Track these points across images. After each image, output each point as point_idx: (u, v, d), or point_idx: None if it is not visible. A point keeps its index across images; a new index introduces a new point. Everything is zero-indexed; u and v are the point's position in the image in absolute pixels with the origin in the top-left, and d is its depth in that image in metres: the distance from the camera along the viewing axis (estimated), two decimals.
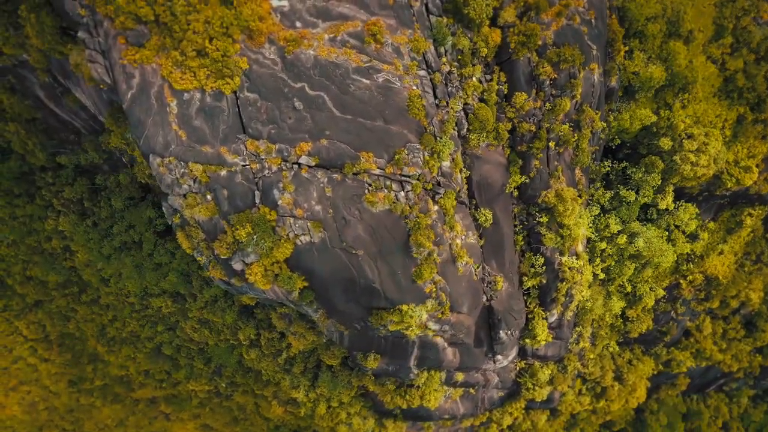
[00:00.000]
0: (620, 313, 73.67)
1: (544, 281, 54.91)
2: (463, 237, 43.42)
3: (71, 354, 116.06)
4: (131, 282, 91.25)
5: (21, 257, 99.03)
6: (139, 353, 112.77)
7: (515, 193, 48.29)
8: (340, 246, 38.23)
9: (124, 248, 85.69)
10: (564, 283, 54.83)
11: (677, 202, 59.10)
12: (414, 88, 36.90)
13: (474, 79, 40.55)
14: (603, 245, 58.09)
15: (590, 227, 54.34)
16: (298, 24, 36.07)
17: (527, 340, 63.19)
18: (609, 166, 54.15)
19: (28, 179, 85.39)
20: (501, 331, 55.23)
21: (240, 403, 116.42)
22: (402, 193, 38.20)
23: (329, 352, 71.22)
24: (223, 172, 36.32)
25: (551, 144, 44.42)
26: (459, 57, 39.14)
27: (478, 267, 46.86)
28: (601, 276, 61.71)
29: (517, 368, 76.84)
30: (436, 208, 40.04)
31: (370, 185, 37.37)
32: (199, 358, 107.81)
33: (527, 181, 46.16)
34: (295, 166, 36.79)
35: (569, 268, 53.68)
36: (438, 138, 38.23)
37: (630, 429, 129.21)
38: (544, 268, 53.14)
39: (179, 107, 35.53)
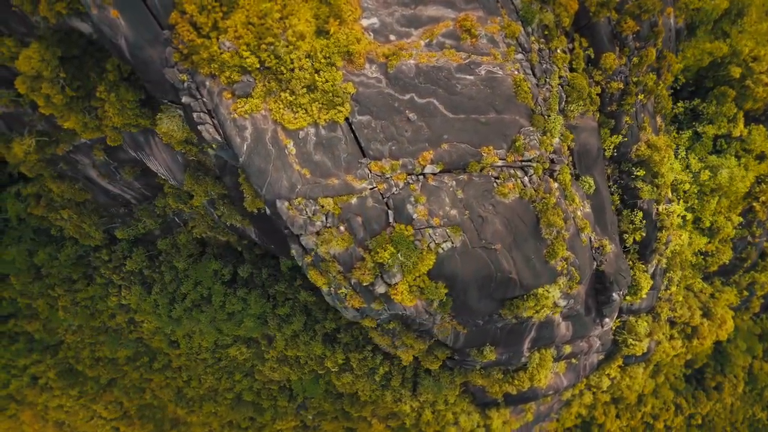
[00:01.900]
0: (702, 249, 73.75)
1: (644, 234, 54.93)
2: (582, 208, 43.42)
3: (153, 424, 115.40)
4: (206, 338, 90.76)
5: (87, 341, 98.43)
6: (219, 407, 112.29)
7: (607, 154, 48.31)
8: (479, 245, 38.09)
9: (194, 307, 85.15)
10: (663, 231, 54.89)
11: (747, 127, 59.27)
12: (516, 73, 36.81)
13: (559, 51, 40.55)
14: (686, 186, 58.24)
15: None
16: (392, 37, 35.92)
17: (627, 297, 63.13)
18: (682, 106, 54.29)
19: (83, 262, 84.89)
20: (614, 293, 55.07)
21: None
22: (526, 178, 38.15)
23: (431, 357, 70.73)
24: (354, 200, 36.08)
25: (640, 96, 44.51)
26: (545, 32, 39.16)
27: (594, 235, 46.87)
28: (689, 216, 61.82)
29: (613, 328, 76.73)
30: (556, 185, 40.00)
31: (496, 178, 37.30)
32: (282, 396, 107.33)
33: (624, 139, 46.25)
34: (421, 177, 36.64)
35: (667, 215, 53.77)
36: (547, 116, 38.19)
37: (711, 363, 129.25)
38: (643, 222, 53.17)
39: (297, 147, 35.29)
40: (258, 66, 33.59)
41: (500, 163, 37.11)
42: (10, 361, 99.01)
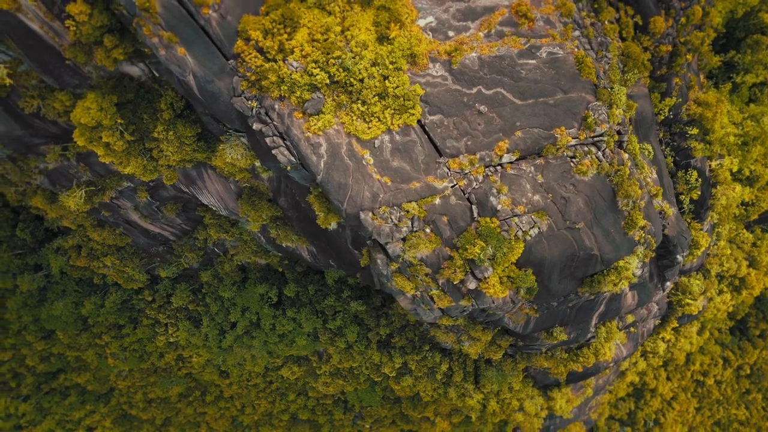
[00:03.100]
0: (745, 199, 73.71)
1: (699, 193, 54.87)
2: (651, 175, 43.34)
3: None
4: (258, 362, 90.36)
5: (138, 384, 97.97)
6: (276, 429, 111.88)
7: (660, 118, 48.23)
8: (564, 226, 37.97)
9: (244, 334, 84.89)
10: (718, 187, 54.82)
11: None
12: (576, 50, 36.68)
13: (606, 22, 40.46)
14: (731, 138, 58.18)
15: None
16: (450, 33, 35.77)
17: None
18: (720, 60, 54.28)
19: (128, 306, 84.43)
20: (678, 255, 54.99)
21: None
22: (600, 153, 38.03)
23: (494, 347, 70.66)
24: (437, 201, 35.93)
25: (688, 56, 44.48)
26: (594, 6, 39.09)
27: (661, 200, 46.79)
28: (734, 168, 61.73)
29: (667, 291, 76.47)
30: (626, 156, 39.86)
31: (572, 157, 37.18)
32: (337, 409, 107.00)
33: (678, 100, 46.20)
34: (499, 168, 36.51)
35: (720, 171, 53.70)
36: (611, 88, 38.07)
37: (753, 311, 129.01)
38: (699, 181, 53.13)
39: (374, 156, 35.10)
40: (327, 81, 33.40)
41: (573, 142, 36.99)
42: (64, 416, 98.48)
